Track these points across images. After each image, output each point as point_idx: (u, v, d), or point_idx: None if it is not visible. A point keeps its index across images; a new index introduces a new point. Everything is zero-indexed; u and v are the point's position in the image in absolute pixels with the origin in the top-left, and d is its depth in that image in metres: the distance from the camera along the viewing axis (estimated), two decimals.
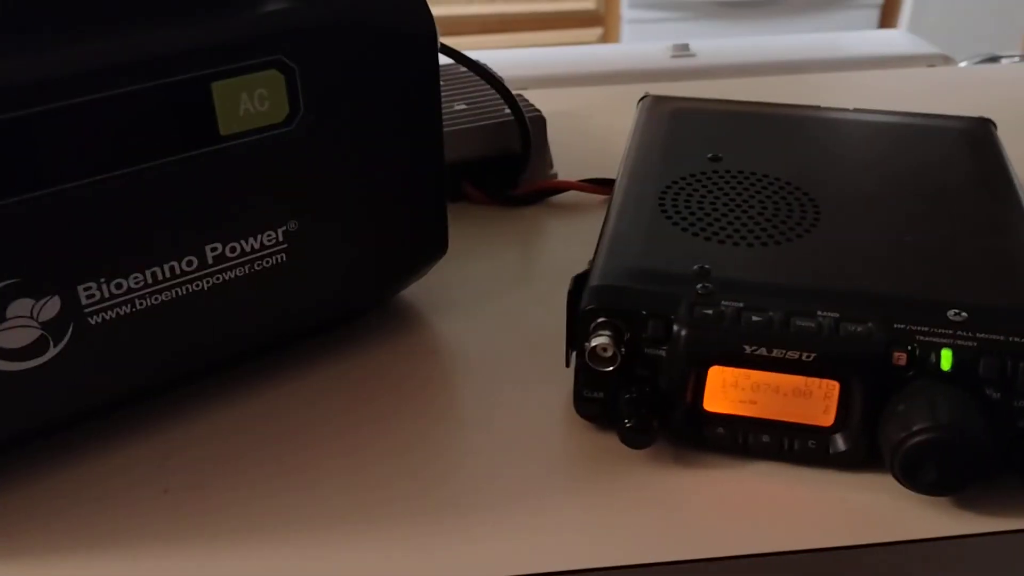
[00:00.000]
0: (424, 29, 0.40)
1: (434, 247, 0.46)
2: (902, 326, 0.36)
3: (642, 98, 0.56)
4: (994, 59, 0.87)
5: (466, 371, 0.45)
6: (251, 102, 0.36)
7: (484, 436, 0.41)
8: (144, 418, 0.41)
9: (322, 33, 0.37)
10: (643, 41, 2.09)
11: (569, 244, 0.54)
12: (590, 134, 0.66)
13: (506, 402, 0.42)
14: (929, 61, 0.80)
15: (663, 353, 0.38)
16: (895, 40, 0.85)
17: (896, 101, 0.65)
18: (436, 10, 0.40)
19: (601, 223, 0.44)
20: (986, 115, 0.53)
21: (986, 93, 0.72)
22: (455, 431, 0.41)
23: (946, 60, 0.80)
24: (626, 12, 2.18)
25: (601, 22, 2.25)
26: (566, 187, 0.58)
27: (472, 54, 0.57)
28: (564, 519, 0.37)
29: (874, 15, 2.24)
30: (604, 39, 2.25)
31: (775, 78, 0.76)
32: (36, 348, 0.35)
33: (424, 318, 0.48)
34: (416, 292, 0.49)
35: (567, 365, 0.41)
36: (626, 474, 0.38)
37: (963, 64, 0.85)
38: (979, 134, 0.51)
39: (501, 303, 0.49)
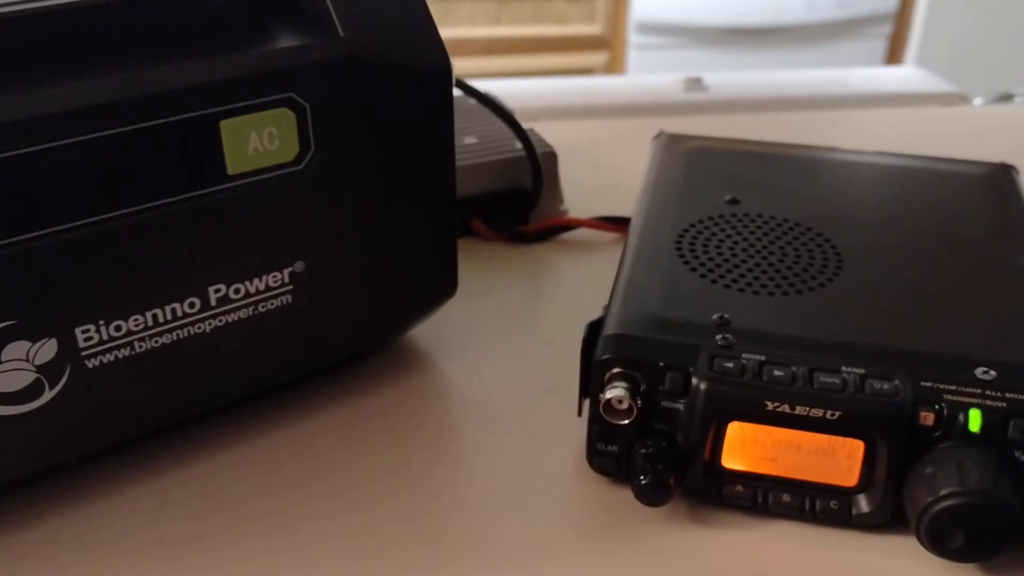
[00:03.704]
0: (438, 64, 0.39)
1: (443, 288, 0.44)
2: (929, 384, 0.35)
3: (657, 136, 0.55)
4: (1008, 97, 0.86)
5: (473, 416, 0.43)
6: (260, 141, 0.35)
7: (491, 487, 0.39)
8: (138, 463, 0.40)
9: (334, 70, 0.36)
10: (649, 67, 2.10)
11: (580, 283, 0.53)
12: (602, 169, 0.65)
13: (514, 451, 0.41)
14: (944, 100, 0.79)
15: (681, 407, 0.36)
16: (910, 77, 0.85)
17: (913, 141, 0.64)
18: (441, 32, 0.39)
19: (613, 261, 0.43)
20: (1004, 157, 0.52)
21: (1004, 135, 0.71)
22: (460, 480, 0.40)
23: (961, 99, 0.79)
24: (632, 37, 2.18)
25: (607, 47, 2.25)
26: (577, 224, 0.57)
27: (480, 82, 0.56)
28: None
29: (881, 46, 2.24)
30: (610, 64, 2.24)
31: (789, 114, 0.75)
32: (31, 392, 0.34)
33: (430, 359, 0.47)
34: (422, 332, 0.48)
35: (579, 414, 0.39)
36: (640, 533, 0.37)
37: (977, 101, 0.84)
38: (1002, 180, 0.50)
39: (510, 344, 0.48)
